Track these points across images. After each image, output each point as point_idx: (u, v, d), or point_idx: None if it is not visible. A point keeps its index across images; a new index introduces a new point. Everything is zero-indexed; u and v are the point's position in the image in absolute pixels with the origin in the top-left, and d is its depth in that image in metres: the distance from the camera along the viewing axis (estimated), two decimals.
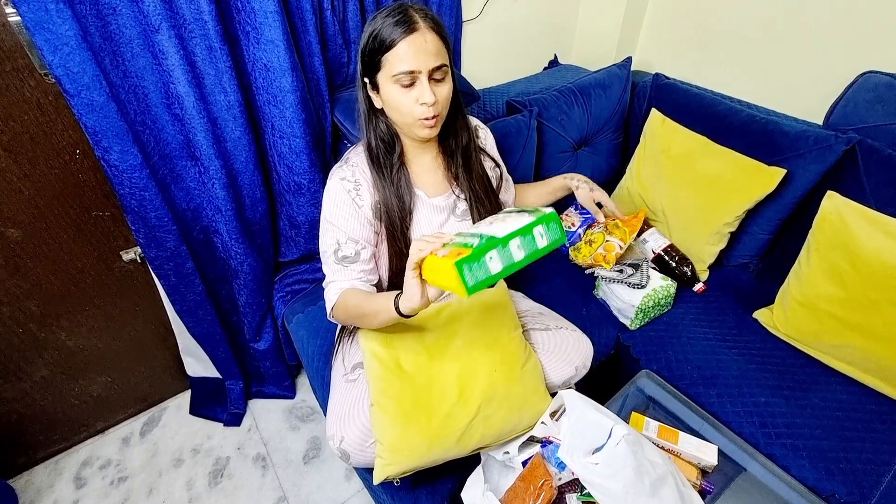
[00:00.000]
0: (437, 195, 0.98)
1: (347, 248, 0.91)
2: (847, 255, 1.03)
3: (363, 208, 0.91)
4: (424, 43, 0.79)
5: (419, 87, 0.81)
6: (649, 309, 1.19)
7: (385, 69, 0.81)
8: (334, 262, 0.92)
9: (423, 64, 0.79)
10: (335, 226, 0.91)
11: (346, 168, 0.93)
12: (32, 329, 1.23)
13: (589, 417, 0.80)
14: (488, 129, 1.10)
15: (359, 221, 0.91)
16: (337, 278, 0.92)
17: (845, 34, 1.26)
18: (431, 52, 0.80)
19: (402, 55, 0.78)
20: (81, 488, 1.38)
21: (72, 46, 0.84)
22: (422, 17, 0.80)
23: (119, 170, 0.98)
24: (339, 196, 0.91)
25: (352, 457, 0.87)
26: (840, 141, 1.13)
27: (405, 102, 0.82)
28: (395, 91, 0.82)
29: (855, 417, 1.00)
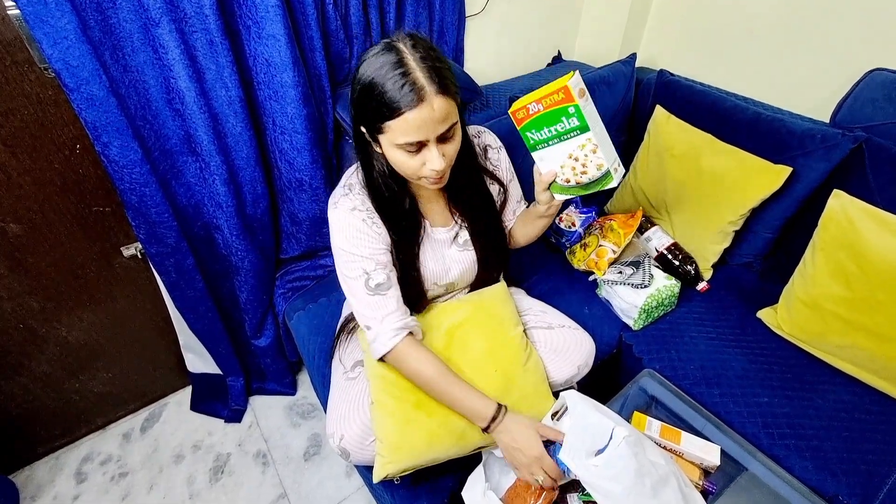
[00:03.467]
0: (439, 226, 0.95)
1: (378, 274, 0.84)
2: (853, 255, 1.02)
3: (382, 234, 0.85)
4: (433, 112, 0.70)
5: (426, 153, 0.74)
6: (652, 309, 1.18)
7: (388, 134, 0.72)
8: (367, 293, 0.83)
9: (431, 133, 0.72)
10: (359, 255, 0.83)
11: (353, 197, 0.85)
12: (33, 325, 1.22)
13: (590, 418, 0.80)
14: (503, 148, 1.02)
15: (382, 246, 0.85)
16: (381, 312, 0.84)
17: (852, 31, 1.24)
18: (439, 120, 0.71)
19: (406, 128, 0.70)
20: (82, 483, 1.38)
21: (71, 40, 0.83)
22: (427, 77, 0.69)
23: (119, 165, 0.98)
24: (356, 224, 0.83)
25: (352, 455, 0.86)
26: (847, 139, 1.11)
27: (410, 166, 0.76)
28: (400, 154, 0.75)
29: (859, 418, 1.00)
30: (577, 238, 1.31)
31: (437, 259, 0.94)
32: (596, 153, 0.78)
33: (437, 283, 0.97)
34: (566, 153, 0.80)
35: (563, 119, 0.76)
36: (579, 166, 0.81)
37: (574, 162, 0.81)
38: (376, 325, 0.84)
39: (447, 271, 0.96)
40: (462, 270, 0.98)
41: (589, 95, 0.76)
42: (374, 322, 0.84)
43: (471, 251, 0.97)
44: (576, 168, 0.81)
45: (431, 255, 0.93)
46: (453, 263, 0.96)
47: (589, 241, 1.27)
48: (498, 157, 1.01)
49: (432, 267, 0.94)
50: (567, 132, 0.77)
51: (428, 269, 0.93)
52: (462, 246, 0.97)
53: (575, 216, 1.34)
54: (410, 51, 0.70)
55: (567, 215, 1.35)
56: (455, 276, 0.98)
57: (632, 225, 1.23)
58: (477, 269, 1.00)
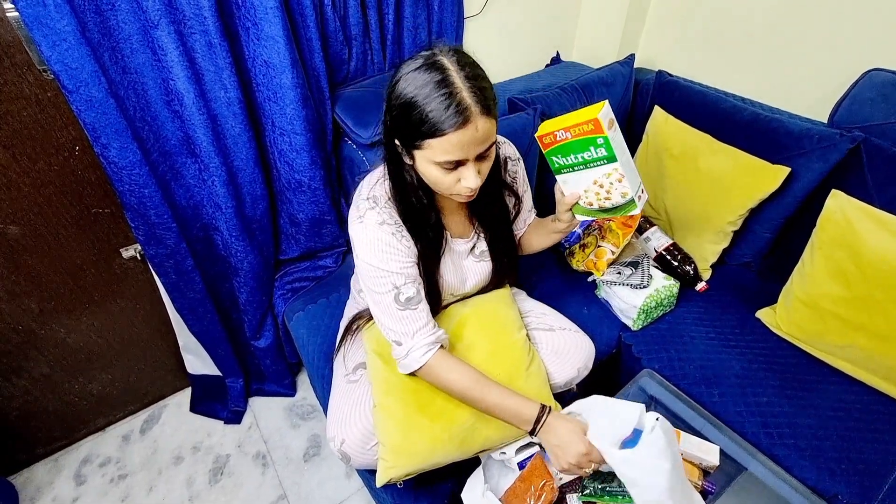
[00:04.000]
0: (458, 237, 0.94)
1: (408, 289, 0.81)
2: (851, 255, 1.02)
3: (410, 248, 0.83)
4: (476, 133, 0.68)
5: (464, 171, 0.73)
6: (651, 309, 1.18)
7: (426, 151, 0.71)
8: (398, 308, 0.81)
9: (472, 153, 0.71)
10: (389, 271, 0.80)
11: (380, 211, 0.81)
12: (32, 326, 1.22)
13: (612, 405, 0.79)
14: (521, 161, 1.01)
15: (412, 261, 0.83)
16: (412, 328, 0.81)
17: (850, 31, 1.25)
18: (481, 141, 0.70)
19: (448, 147, 0.69)
20: (81, 485, 1.37)
21: (70, 42, 0.83)
22: (473, 98, 0.67)
23: (118, 166, 0.98)
24: (385, 239, 0.80)
25: (353, 459, 0.86)
26: (845, 139, 1.12)
27: (444, 182, 0.74)
28: (435, 170, 0.73)
29: (858, 418, 1.00)
30: (576, 239, 1.31)
31: (456, 270, 0.95)
32: (622, 182, 0.79)
33: (454, 294, 0.98)
34: (591, 179, 0.81)
35: (590, 148, 0.76)
36: (603, 192, 0.82)
37: (599, 188, 0.82)
38: (408, 341, 0.82)
39: (464, 282, 0.97)
40: (478, 281, 0.98)
41: (617, 125, 0.77)
42: (405, 338, 0.82)
43: (487, 262, 0.97)
44: (600, 194, 0.82)
45: (451, 267, 0.93)
46: (470, 274, 0.97)
47: (588, 241, 1.27)
48: (516, 170, 1.00)
49: (451, 278, 0.94)
50: (594, 161, 0.78)
51: (447, 281, 0.93)
52: (479, 257, 0.97)
53: None
54: (456, 68, 0.68)
55: None
56: (470, 287, 0.99)
57: (630, 225, 1.23)
58: (490, 279, 1.01)
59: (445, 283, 0.93)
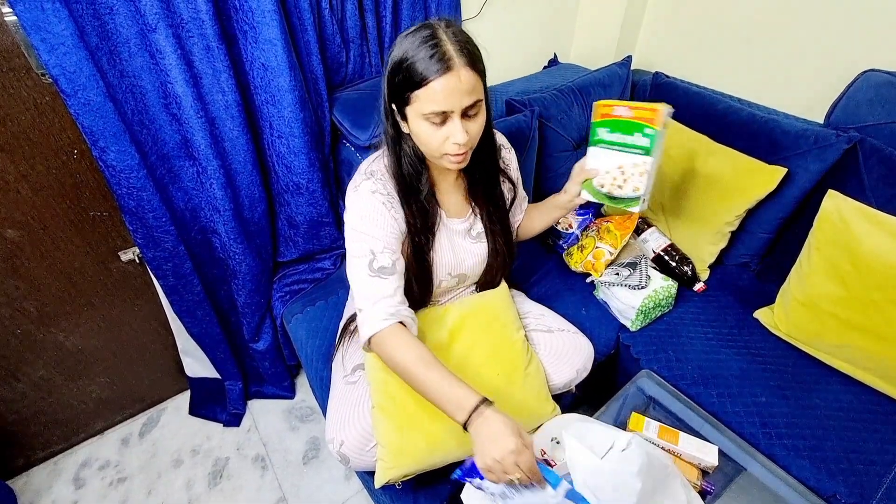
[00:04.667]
0: (455, 217, 0.96)
1: (384, 257, 0.82)
2: (848, 255, 1.02)
3: (398, 221, 0.86)
4: (459, 82, 0.72)
5: (450, 126, 0.76)
6: (650, 310, 1.19)
7: (415, 105, 0.75)
8: (369, 274, 0.82)
9: (457, 104, 0.74)
10: (370, 235, 0.83)
11: (375, 182, 0.85)
12: (31, 330, 1.22)
13: (590, 426, 0.80)
14: (512, 151, 1.05)
15: (397, 232, 0.86)
16: (377, 294, 0.81)
17: (846, 32, 1.25)
18: (465, 91, 0.74)
19: (433, 95, 0.72)
20: (80, 489, 1.37)
21: (68, 46, 0.83)
22: (457, 49, 0.72)
23: (116, 170, 0.98)
24: (375, 207, 0.84)
25: (352, 460, 0.86)
26: (841, 140, 1.12)
27: (434, 139, 0.78)
28: (425, 127, 0.77)
29: (856, 417, 1.00)
30: (574, 240, 1.32)
31: (453, 248, 0.96)
32: (642, 177, 0.83)
33: (451, 274, 0.98)
34: (618, 163, 0.86)
35: (636, 134, 0.81)
36: (620, 179, 0.87)
37: (619, 173, 0.87)
38: (369, 307, 0.81)
39: (461, 262, 0.97)
40: (474, 262, 0.99)
41: (666, 131, 0.82)
42: (367, 304, 0.81)
43: (483, 243, 0.99)
44: (616, 179, 0.87)
45: (447, 245, 0.95)
46: (467, 255, 0.98)
47: (586, 242, 1.28)
48: (509, 157, 1.04)
49: (448, 257, 0.95)
50: (632, 147, 0.83)
51: (444, 259, 0.95)
52: (475, 238, 0.98)
53: (572, 218, 1.34)
54: (444, 29, 0.74)
55: (564, 217, 1.36)
56: (468, 268, 0.99)
57: (628, 226, 1.23)
58: (488, 263, 1.02)
59: (441, 260, 0.95)
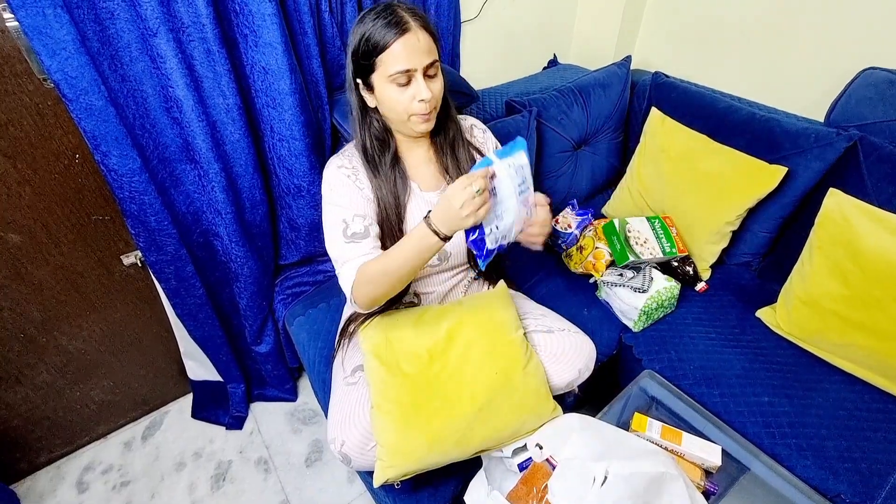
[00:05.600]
0: (431, 190, 0.99)
1: (356, 224, 0.89)
2: (850, 253, 1.02)
3: (364, 190, 0.93)
4: (417, 42, 0.81)
5: (415, 85, 0.83)
6: (653, 311, 1.18)
7: (380, 70, 0.82)
8: (344, 241, 0.88)
9: (418, 62, 0.81)
10: (339, 206, 0.90)
11: (342, 157, 0.95)
12: (33, 334, 1.23)
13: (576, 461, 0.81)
14: (489, 130, 1.09)
15: (363, 199, 0.92)
16: (350, 256, 0.87)
17: (845, 30, 1.25)
18: (424, 50, 0.82)
19: (396, 55, 0.80)
20: (83, 493, 1.37)
21: (70, 51, 0.84)
22: (411, 16, 0.81)
23: (118, 174, 0.98)
24: (339, 179, 0.92)
25: (353, 460, 0.86)
26: (841, 138, 1.12)
27: (401, 100, 0.84)
28: (392, 90, 0.84)
29: (860, 416, 1.00)
30: (574, 240, 1.31)
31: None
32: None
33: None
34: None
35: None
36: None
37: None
38: (341, 268, 0.88)
39: None
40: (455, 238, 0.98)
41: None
42: (340, 265, 0.88)
43: None
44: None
45: (420, 216, 0.92)
46: None
47: (585, 243, 1.28)
48: (484, 137, 1.07)
49: None
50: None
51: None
52: None
53: (571, 218, 1.34)
54: (397, 4, 0.83)
55: (563, 217, 1.36)
56: (449, 245, 0.97)
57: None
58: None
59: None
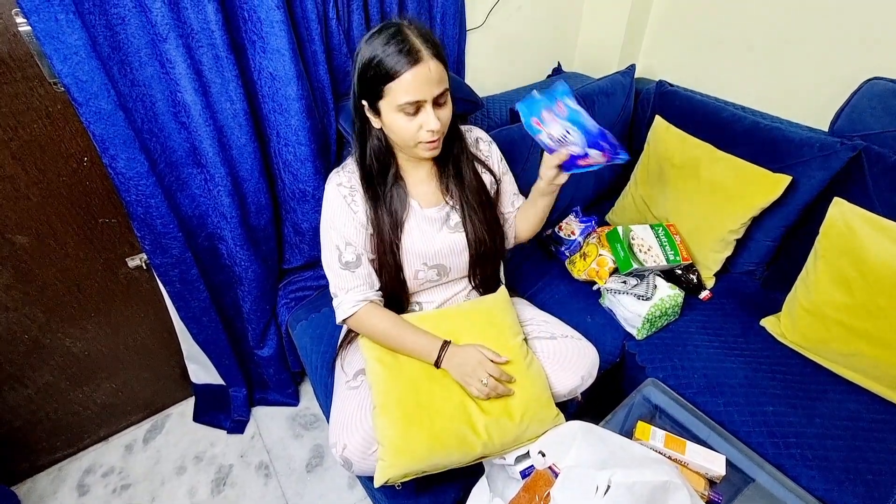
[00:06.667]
0: (431, 206, 0.98)
1: (348, 252, 0.93)
2: (854, 262, 1.02)
3: (357, 214, 0.93)
4: (429, 72, 0.79)
5: (424, 115, 0.82)
6: (656, 319, 1.18)
7: (388, 98, 0.81)
8: (339, 268, 0.93)
9: (428, 93, 0.80)
10: (334, 230, 0.93)
11: (342, 174, 0.95)
12: (38, 335, 1.23)
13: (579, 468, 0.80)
14: (493, 142, 1.08)
15: (354, 226, 0.93)
16: (348, 285, 0.93)
17: (850, 40, 1.26)
18: (435, 81, 0.80)
19: (407, 86, 0.78)
20: (84, 496, 1.37)
21: (81, 56, 0.85)
22: (422, 43, 0.79)
23: (126, 177, 0.99)
24: (335, 201, 0.93)
25: (354, 465, 0.86)
26: (846, 147, 1.12)
27: (409, 129, 0.83)
28: (399, 118, 0.82)
29: (865, 427, 0.99)
30: (577, 247, 1.32)
31: (426, 238, 0.97)
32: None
33: (427, 264, 0.99)
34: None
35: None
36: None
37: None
38: (342, 295, 0.94)
39: (437, 252, 0.98)
40: (452, 253, 1.00)
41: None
42: (340, 292, 0.94)
43: (461, 233, 0.99)
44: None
45: (419, 234, 0.97)
46: (443, 245, 0.98)
47: (588, 250, 1.28)
48: (489, 150, 1.06)
49: (419, 246, 0.97)
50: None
51: (415, 248, 0.97)
52: (453, 228, 0.99)
53: (575, 225, 1.34)
54: (407, 26, 0.81)
55: (567, 224, 1.36)
56: (445, 259, 1.00)
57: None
58: (468, 255, 1.01)
59: (412, 248, 0.96)
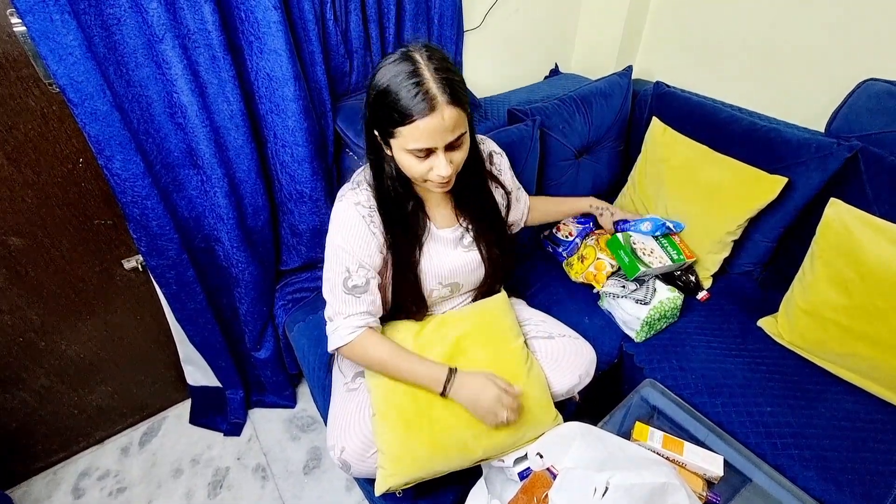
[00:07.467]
0: (445, 227, 0.97)
1: (358, 276, 0.85)
2: (851, 263, 1.02)
3: (377, 235, 0.87)
4: (442, 121, 0.73)
5: (434, 159, 0.78)
6: (655, 322, 1.18)
7: (399, 140, 0.76)
8: (343, 291, 0.86)
9: (440, 141, 0.75)
10: (347, 252, 0.85)
11: (360, 192, 0.88)
12: (32, 338, 1.22)
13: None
14: (504, 155, 1.07)
15: (372, 249, 0.87)
16: (349, 310, 0.86)
17: (846, 42, 1.26)
18: (450, 129, 0.74)
19: (418, 134, 0.73)
20: (79, 499, 1.36)
21: (76, 56, 0.84)
22: (440, 88, 0.72)
23: (121, 178, 0.98)
24: (354, 221, 0.85)
25: (352, 467, 0.86)
26: (842, 148, 1.13)
27: (418, 169, 0.79)
28: (409, 159, 0.78)
29: (863, 427, 0.99)
30: (574, 248, 1.31)
31: (442, 258, 0.96)
32: (661, 263, 1.16)
33: (442, 283, 0.98)
34: (653, 247, 1.21)
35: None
36: (648, 251, 1.18)
37: (651, 251, 1.19)
38: (339, 320, 0.87)
39: (452, 272, 0.98)
40: (466, 271, 0.99)
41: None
42: (338, 317, 0.87)
43: (475, 252, 0.99)
44: (645, 250, 1.18)
45: (435, 255, 0.95)
46: (458, 264, 0.98)
47: (586, 252, 1.28)
48: (501, 162, 1.06)
49: (436, 266, 0.95)
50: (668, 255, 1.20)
51: (433, 269, 0.95)
52: (467, 247, 0.99)
53: (572, 226, 1.34)
54: (426, 62, 0.73)
55: (564, 225, 1.36)
56: (461, 276, 0.99)
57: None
58: (483, 271, 1.01)
59: (430, 269, 0.95)
